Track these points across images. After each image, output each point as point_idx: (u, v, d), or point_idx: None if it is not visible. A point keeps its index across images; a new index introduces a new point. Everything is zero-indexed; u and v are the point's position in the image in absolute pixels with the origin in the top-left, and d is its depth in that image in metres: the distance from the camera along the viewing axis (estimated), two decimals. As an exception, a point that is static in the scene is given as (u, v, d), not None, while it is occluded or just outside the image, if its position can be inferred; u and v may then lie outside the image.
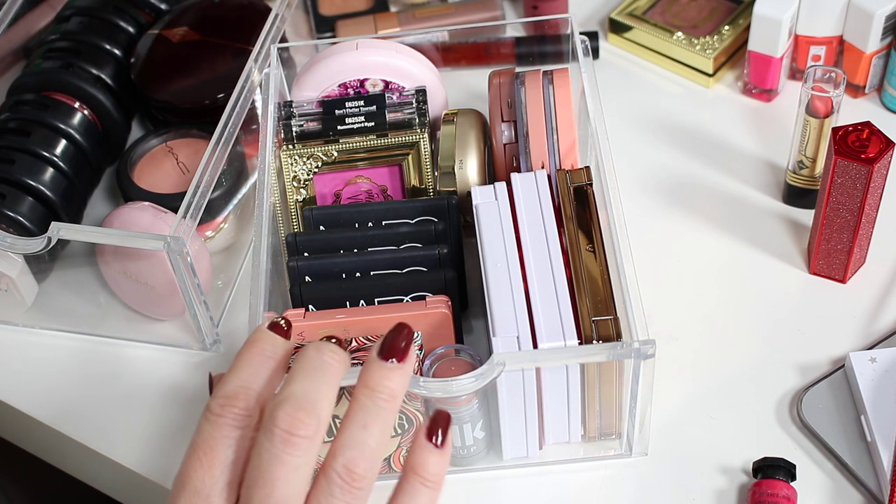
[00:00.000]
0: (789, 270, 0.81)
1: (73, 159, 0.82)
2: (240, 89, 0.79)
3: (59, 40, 0.87)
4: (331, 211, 0.76)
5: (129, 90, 0.88)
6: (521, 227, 0.70)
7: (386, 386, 0.52)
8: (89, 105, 0.84)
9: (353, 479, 0.50)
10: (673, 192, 0.86)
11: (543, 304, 0.66)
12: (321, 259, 0.73)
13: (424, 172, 0.78)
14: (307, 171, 0.77)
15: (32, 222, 0.78)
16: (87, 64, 0.85)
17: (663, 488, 0.70)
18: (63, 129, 0.82)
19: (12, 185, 0.79)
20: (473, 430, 0.69)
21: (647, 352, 0.63)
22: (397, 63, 0.80)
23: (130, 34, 0.89)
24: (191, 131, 0.85)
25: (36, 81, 0.84)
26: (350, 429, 0.51)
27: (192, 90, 0.86)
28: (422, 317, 0.69)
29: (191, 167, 0.83)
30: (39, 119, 0.82)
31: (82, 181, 0.83)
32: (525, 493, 0.71)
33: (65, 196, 0.81)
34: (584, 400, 0.68)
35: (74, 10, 0.89)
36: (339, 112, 0.78)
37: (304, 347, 0.53)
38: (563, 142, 0.75)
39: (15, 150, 0.80)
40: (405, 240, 0.74)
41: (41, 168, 0.80)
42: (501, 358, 0.63)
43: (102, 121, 0.85)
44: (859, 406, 0.71)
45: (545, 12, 0.98)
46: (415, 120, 0.77)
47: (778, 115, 0.91)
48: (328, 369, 0.52)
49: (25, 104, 0.83)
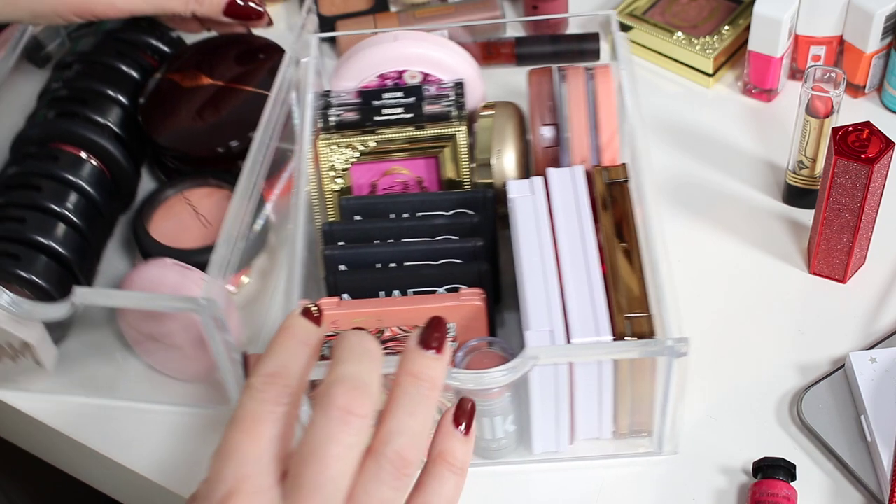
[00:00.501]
0: (789, 270, 0.81)
1: (86, 212, 0.78)
2: (261, 137, 0.76)
3: (62, 89, 0.83)
4: (367, 201, 0.76)
5: (136, 136, 0.84)
6: (557, 221, 0.70)
7: (429, 375, 0.52)
8: (97, 155, 0.81)
9: (404, 465, 0.50)
10: (673, 192, 0.86)
11: (577, 300, 0.66)
12: (356, 248, 0.73)
13: (461, 165, 0.78)
14: (344, 160, 0.78)
15: (49, 282, 0.74)
16: (93, 112, 0.82)
17: (663, 488, 0.70)
18: (74, 181, 0.78)
19: (25, 244, 0.75)
20: (504, 423, 0.69)
21: (680, 350, 0.62)
22: (436, 55, 0.80)
23: (135, 79, 0.86)
24: (208, 180, 0.82)
25: (41, 133, 0.81)
26: (398, 415, 0.51)
27: (206, 137, 0.82)
28: (456, 309, 0.69)
29: (212, 219, 0.79)
30: (49, 172, 0.78)
31: (95, 235, 0.80)
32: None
33: (79, 252, 0.77)
34: (615, 396, 0.68)
35: (76, 57, 0.86)
36: (376, 103, 0.78)
37: (343, 334, 0.53)
38: (604, 138, 0.75)
39: (26, 207, 0.76)
40: (440, 231, 0.74)
41: (54, 225, 0.76)
42: (535, 352, 0.63)
43: (111, 170, 0.81)
44: (859, 406, 0.71)
45: (545, 12, 0.98)
46: (452, 112, 0.78)
47: (778, 115, 0.91)
48: (373, 354, 0.52)
49: (32, 157, 0.80)
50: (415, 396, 0.52)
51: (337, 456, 0.49)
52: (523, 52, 0.94)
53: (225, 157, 0.82)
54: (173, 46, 0.90)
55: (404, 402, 0.51)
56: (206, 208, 0.80)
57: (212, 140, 0.82)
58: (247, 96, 0.84)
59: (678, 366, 0.63)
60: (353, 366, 0.51)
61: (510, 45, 0.94)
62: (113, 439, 0.75)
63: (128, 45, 0.87)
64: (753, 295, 0.80)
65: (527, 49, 0.94)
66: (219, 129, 0.82)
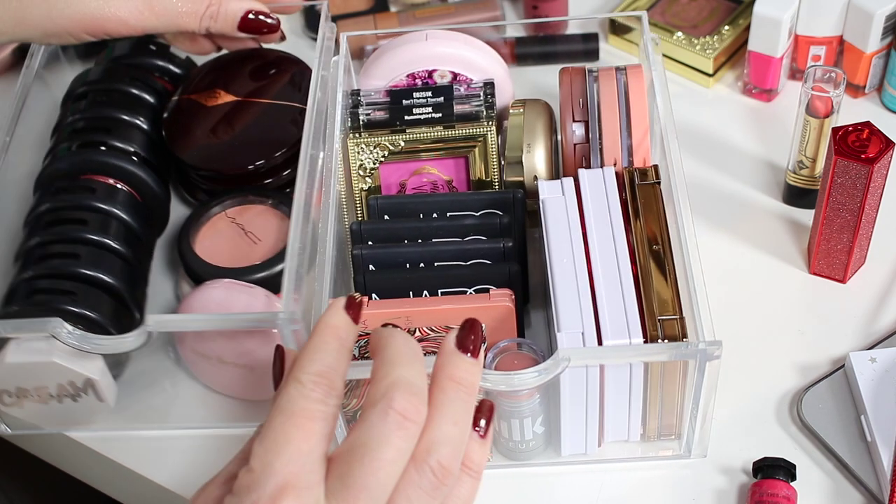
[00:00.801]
0: (789, 270, 0.81)
1: (129, 241, 0.77)
2: (305, 150, 0.74)
3: (80, 120, 0.82)
4: (396, 201, 0.76)
5: (162, 159, 0.84)
6: (588, 223, 0.70)
7: (469, 381, 0.53)
8: (128, 182, 0.79)
9: (445, 475, 0.50)
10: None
11: (609, 301, 0.66)
12: (385, 248, 0.73)
13: (490, 165, 0.78)
14: (373, 160, 0.78)
15: (104, 317, 0.72)
16: (118, 140, 0.81)
17: (664, 488, 0.70)
18: (114, 211, 0.77)
19: (80, 280, 0.73)
20: (533, 424, 0.68)
21: (712, 353, 0.62)
22: (466, 55, 0.80)
23: (151, 103, 0.84)
24: (248, 197, 0.81)
25: (70, 166, 0.79)
26: (443, 424, 0.51)
27: (238, 154, 0.81)
28: (485, 310, 0.69)
29: (261, 235, 0.79)
30: (89, 205, 0.77)
31: (140, 262, 0.79)
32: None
33: (129, 281, 0.76)
34: (645, 399, 0.68)
35: (87, 87, 0.84)
36: (406, 102, 0.78)
37: (384, 333, 0.53)
38: (636, 139, 0.75)
39: (75, 241, 0.75)
40: (470, 232, 0.74)
41: (104, 257, 0.75)
42: (567, 353, 0.63)
43: (143, 195, 0.80)
44: (859, 406, 0.71)
45: (545, 12, 0.98)
46: (482, 112, 0.78)
47: (778, 115, 0.91)
48: (421, 357, 0.52)
49: (66, 191, 0.78)
50: (457, 403, 0.52)
51: (390, 460, 0.49)
52: (523, 52, 0.94)
53: (256, 173, 0.81)
54: (184, 68, 0.89)
55: (449, 409, 0.52)
56: (253, 225, 0.79)
57: (245, 157, 0.81)
58: (270, 108, 0.83)
59: (710, 369, 0.63)
60: (408, 369, 0.51)
61: (510, 45, 0.94)
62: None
63: (139, 70, 0.87)
64: (753, 295, 0.80)
65: (526, 49, 0.94)
66: (249, 145, 0.81)
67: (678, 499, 0.70)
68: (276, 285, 0.74)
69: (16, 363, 0.70)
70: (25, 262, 0.74)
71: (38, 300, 0.72)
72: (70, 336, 0.68)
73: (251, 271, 0.75)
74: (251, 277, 0.75)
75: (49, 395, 0.72)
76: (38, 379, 0.71)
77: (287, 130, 0.81)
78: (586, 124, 0.76)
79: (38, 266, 0.73)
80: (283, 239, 0.77)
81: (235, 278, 0.75)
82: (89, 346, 0.68)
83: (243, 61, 0.87)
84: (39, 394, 0.72)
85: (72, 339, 0.68)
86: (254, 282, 0.74)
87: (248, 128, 0.82)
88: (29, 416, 0.75)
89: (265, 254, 0.77)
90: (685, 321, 0.65)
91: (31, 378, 0.71)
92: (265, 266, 0.75)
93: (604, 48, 0.97)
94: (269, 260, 0.76)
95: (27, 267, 0.74)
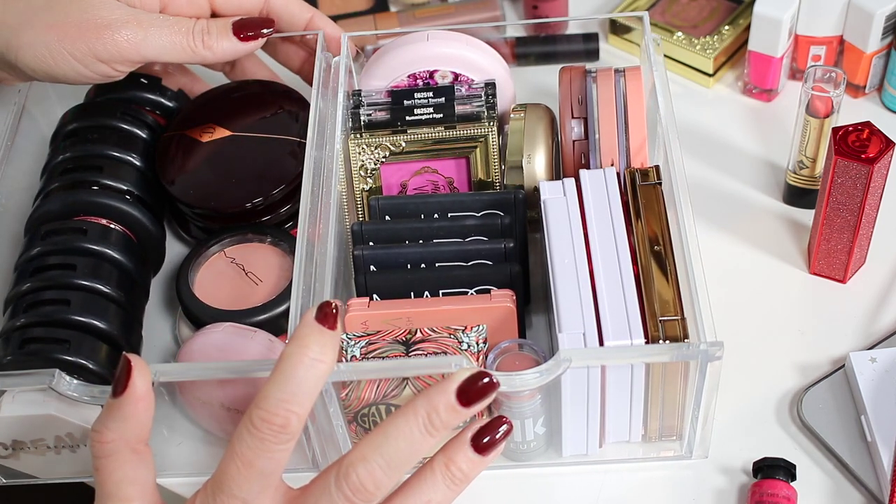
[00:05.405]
0: (789, 270, 0.81)
1: (123, 284, 0.74)
2: (305, 186, 0.72)
3: (70, 160, 0.79)
4: (397, 201, 0.76)
5: (155, 196, 0.81)
6: (589, 223, 0.70)
7: (467, 475, 0.54)
8: (122, 222, 0.77)
9: None
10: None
11: (610, 302, 0.66)
12: (387, 249, 0.73)
13: (491, 166, 0.78)
14: (374, 160, 0.78)
15: (100, 365, 0.69)
16: (111, 179, 0.78)
17: (664, 488, 0.70)
18: (106, 253, 0.74)
19: (73, 327, 0.70)
20: (535, 425, 0.69)
21: (714, 353, 0.62)
22: (468, 55, 0.80)
23: (143, 138, 0.81)
24: (246, 235, 0.79)
25: (61, 207, 0.76)
26: (410, 497, 0.54)
27: (234, 192, 0.78)
28: (486, 310, 0.69)
29: (261, 275, 0.77)
30: (80, 248, 0.74)
31: (135, 305, 0.76)
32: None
33: (125, 327, 0.73)
34: (647, 399, 0.68)
35: (76, 123, 0.81)
36: (407, 103, 0.78)
37: (407, 409, 0.54)
38: (634, 140, 0.75)
39: (65, 287, 0.72)
40: (471, 232, 0.74)
41: (97, 302, 0.72)
42: (568, 354, 0.63)
43: (138, 235, 0.78)
44: (859, 406, 0.71)
45: (545, 12, 0.98)
46: (483, 113, 0.78)
47: (778, 115, 0.91)
48: (418, 432, 0.54)
49: (57, 233, 0.74)
50: (440, 486, 0.54)
51: None
52: (523, 52, 0.94)
53: (253, 211, 0.79)
54: (176, 101, 0.86)
55: (426, 489, 0.54)
56: (253, 264, 0.78)
57: (242, 194, 0.78)
58: (266, 142, 0.81)
59: (712, 370, 0.63)
60: (394, 444, 0.54)
61: (510, 45, 0.94)
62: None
63: (128, 104, 0.83)
64: (753, 295, 0.80)
65: (526, 49, 0.94)
66: (246, 181, 0.79)
67: (678, 499, 0.70)
68: (277, 327, 0.73)
69: (12, 416, 0.67)
70: (15, 309, 0.72)
71: (31, 349, 0.69)
72: (71, 387, 0.64)
73: (252, 314, 0.74)
74: (252, 320, 0.73)
75: (46, 448, 0.70)
76: (35, 432, 0.69)
77: (285, 165, 0.79)
78: (585, 121, 0.76)
79: (30, 313, 0.71)
80: (284, 278, 0.76)
81: (236, 321, 0.73)
82: (90, 398, 0.65)
83: (236, 94, 0.84)
84: (37, 446, 0.70)
85: (73, 390, 0.64)
86: (255, 324, 0.73)
87: (244, 163, 0.80)
88: (25, 467, 0.73)
89: (266, 295, 0.75)
90: (686, 322, 0.65)
91: (28, 431, 0.69)
92: (266, 308, 0.74)
93: (604, 48, 0.97)
94: (270, 302, 0.74)
95: (18, 314, 0.71)
